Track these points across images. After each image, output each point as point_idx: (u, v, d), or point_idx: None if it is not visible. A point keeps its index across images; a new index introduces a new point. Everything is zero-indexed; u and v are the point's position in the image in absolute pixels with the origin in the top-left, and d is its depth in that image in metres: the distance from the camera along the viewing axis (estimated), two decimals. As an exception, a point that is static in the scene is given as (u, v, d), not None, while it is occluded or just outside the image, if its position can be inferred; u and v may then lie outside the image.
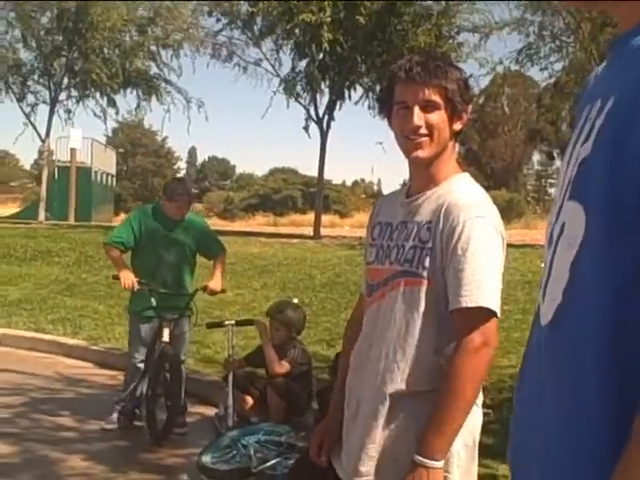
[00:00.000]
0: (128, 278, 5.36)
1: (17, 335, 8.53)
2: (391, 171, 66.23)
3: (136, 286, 5.37)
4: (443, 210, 2.04)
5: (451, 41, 19.48)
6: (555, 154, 50.53)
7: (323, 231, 19.96)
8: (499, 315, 2.00)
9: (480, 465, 2.16)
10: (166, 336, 5.37)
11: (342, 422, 2.23)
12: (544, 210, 41.15)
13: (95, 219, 26.30)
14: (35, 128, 23.92)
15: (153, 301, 5.41)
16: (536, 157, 58.59)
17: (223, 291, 5.86)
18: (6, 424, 5.61)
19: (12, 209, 33.77)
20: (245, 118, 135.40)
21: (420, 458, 1.94)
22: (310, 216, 25.76)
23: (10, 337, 8.49)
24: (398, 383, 2.05)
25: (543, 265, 1.10)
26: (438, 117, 2.07)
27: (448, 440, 1.96)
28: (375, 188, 60.90)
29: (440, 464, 1.95)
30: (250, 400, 5.54)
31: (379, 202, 2.41)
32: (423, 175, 2.14)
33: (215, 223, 32.45)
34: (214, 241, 5.83)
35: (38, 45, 23.09)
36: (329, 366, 5.87)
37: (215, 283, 5.62)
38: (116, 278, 5.51)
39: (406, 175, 2.23)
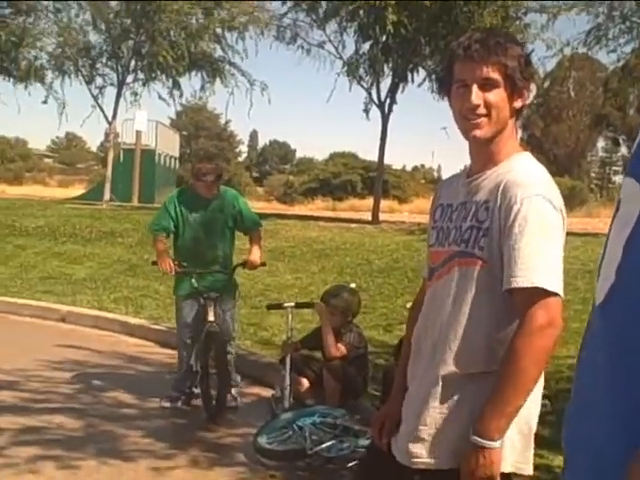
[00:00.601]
0: (165, 262, 5.48)
1: (81, 313, 8.79)
2: (452, 157, 65.37)
3: (174, 269, 5.49)
4: (501, 188, 2.00)
5: (518, 22, 19.07)
6: (621, 140, 49.15)
7: (382, 216, 19.87)
8: (562, 295, 1.93)
9: (535, 455, 2.12)
10: (211, 315, 5.46)
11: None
12: (607, 198, 40.12)
13: (158, 201, 26.60)
14: (102, 110, 24.39)
15: (194, 282, 5.50)
16: (600, 143, 57.20)
17: (263, 264, 5.91)
18: (70, 399, 5.80)
19: (79, 190, 34.63)
20: (306, 101, 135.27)
21: (478, 438, 1.92)
22: (369, 201, 25.66)
23: (74, 315, 8.76)
24: (450, 365, 2.04)
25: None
26: (497, 96, 2.04)
27: (507, 420, 1.93)
28: (435, 174, 60.41)
29: (498, 444, 1.92)
30: (306, 382, 5.59)
31: (440, 184, 2.40)
32: (483, 155, 2.11)
33: (275, 207, 32.69)
34: (249, 216, 5.84)
35: (107, 28, 23.46)
36: (391, 351, 5.88)
37: (254, 256, 5.67)
38: (155, 264, 5.65)
39: (467, 161, 2.20)
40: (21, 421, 5.20)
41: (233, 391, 5.76)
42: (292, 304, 5.75)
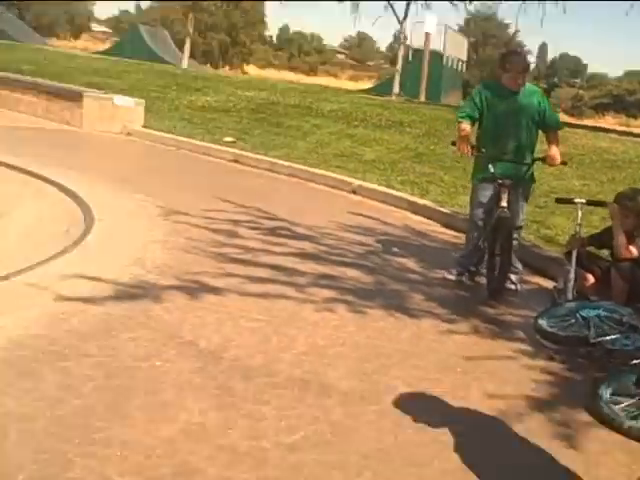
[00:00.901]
0: (464, 145, 5.62)
1: (370, 188, 9.22)
2: None
3: (470, 152, 5.63)
4: None
5: None
6: None
7: (685, 138, 18.18)
8: None
9: None
10: (504, 201, 5.53)
11: None
12: None
13: (444, 101, 26.77)
14: (394, 10, 24.63)
15: (491, 167, 5.60)
16: None
17: (564, 163, 5.92)
18: (361, 258, 6.24)
19: (367, 84, 35.69)
20: (598, 16, 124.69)
21: None
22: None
23: (364, 189, 9.22)
24: None
25: None
26: None
27: None
28: None
29: None
30: (591, 278, 5.46)
31: None
32: None
33: (563, 117, 31.14)
34: (552, 115, 5.84)
35: None
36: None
37: (554, 152, 5.67)
38: (454, 144, 5.81)
39: None
40: (319, 269, 5.71)
41: (513, 277, 5.83)
42: (583, 200, 5.68)
